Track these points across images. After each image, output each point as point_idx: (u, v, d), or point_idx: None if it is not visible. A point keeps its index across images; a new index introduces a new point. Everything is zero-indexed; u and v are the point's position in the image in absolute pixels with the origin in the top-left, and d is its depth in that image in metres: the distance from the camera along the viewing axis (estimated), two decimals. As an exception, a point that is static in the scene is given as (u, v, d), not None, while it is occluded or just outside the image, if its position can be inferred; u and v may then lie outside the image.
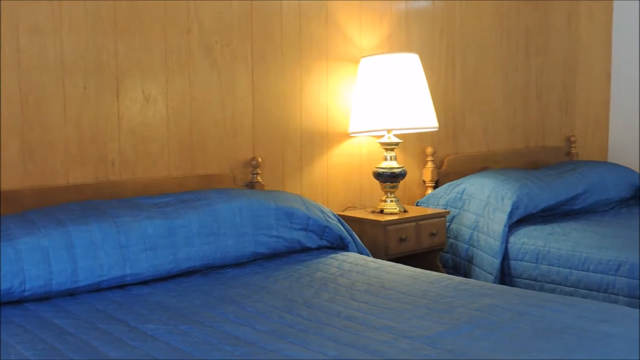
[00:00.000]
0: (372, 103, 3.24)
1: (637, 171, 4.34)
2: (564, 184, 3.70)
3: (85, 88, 2.67)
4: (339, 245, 2.88)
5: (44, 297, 2.18)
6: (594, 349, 1.71)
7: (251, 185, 3.10)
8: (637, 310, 2.14)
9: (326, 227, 2.81)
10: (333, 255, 2.74)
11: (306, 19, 3.27)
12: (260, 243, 2.62)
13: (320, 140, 3.38)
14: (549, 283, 3.15)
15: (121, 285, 2.32)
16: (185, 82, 2.92)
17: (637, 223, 3.51)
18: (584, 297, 2.99)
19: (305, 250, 2.79)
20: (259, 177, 3.10)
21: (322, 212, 2.86)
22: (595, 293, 2.99)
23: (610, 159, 4.86)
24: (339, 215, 3.10)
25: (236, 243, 2.56)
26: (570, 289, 3.07)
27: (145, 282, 2.36)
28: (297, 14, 3.24)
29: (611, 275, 2.94)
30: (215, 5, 2.97)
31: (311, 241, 2.79)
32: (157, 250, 2.37)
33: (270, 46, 3.16)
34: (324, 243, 2.84)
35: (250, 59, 3.10)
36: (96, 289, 2.27)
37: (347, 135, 3.45)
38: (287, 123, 3.25)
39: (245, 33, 3.07)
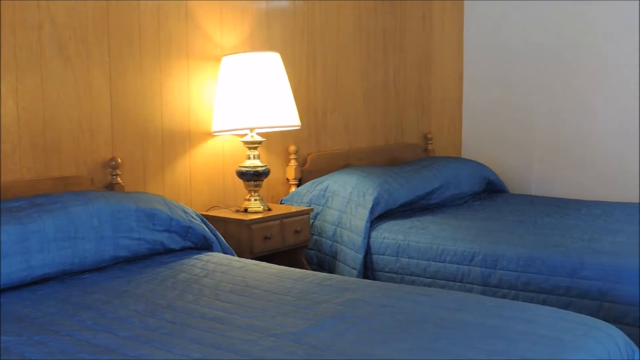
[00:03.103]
0: (235, 102, 3.22)
1: (489, 166, 4.58)
2: (421, 179, 3.85)
3: None
4: (203, 245, 2.85)
5: None
6: (451, 337, 1.79)
7: (110, 186, 2.99)
8: (490, 297, 2.26)
9: (189, 227, 2.77)
10: (197, 256, 2.70)
11: (165, 16, 3.21)
12: (120, 246, 2.54)
13: (182, 140, 3.32)
14: (409, 275, 3.27)
15: (-31, 296, 2.18)
16: (37, 80, 2.78)
17: (489, 215, 3.70)
18: (442, 287, 3.12)
19: (168, 251, 2.74)
20: (118, 179, 3.01)
21: (185, 212, 2.81)
22: (452, 283, 3.13)
23: (463, 155, 5.10)
24: (202, 215, 3.07)
25: (95, 247, 2.47)
26: (429, 280, 3.20)
27: (-4, 292, 2.23)
28: (156, 11, 3.17)
29: (466, 265, 3.09)
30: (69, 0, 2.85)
31: (174, 242, 2.74)
32: (9, 257, 2.24)
33: (127, 43, 3.07)
34: (188, 244, 2.80)
35: (107, 56, 3.00)
36: (-60, 302, 2.12)
37: (209, 135, 3.41)
38: (148, 122, 3.17)
39: (101, 29, 2.97)
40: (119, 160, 3.00)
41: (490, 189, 4.47)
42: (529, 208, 3.89)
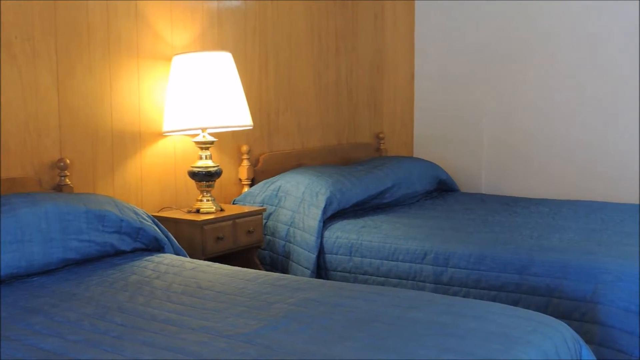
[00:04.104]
0: (186, 102, 3.19)
1: (440, 165, 4.64)
2: (374, 178, 3.87)
3: None
4: (155, 247, 2.82)
5: None
6: (402, 335, 1.81)
7: (59, 188, 2.94)
8: (442, 295, 2.29)
9: (140, 228, 2.74)
10: (148, 258, 2.67)
11: (114, 15, 3.16)
12: (69, 248, 2.50)
13: (132, 140, 3.28)
14: (362, 274, 3.28)
15: None
16: (-19, 79, 2.71)
17: (440, 213, 3.75)
18: (395, 286, 3.14)
19: (119, 253, 2.70)
20: (67, 180, 2.95)
21: (136, 213, 2.78)
22: (405, 281, 3.15)
23: (415, 154, 5.16)
24: (154, 216, 3.03)
25: (43, 249, 2.42)
26: (382, 278, 3.22)
27: (-61, 297, 2.17)
28: (105, 10, 3.12)
29: (418, 263, 3.12)
30: (14, -2, 2.79)
31: (125, 244, 2.70)
32: (-48, 261, 2.18)
33: (75, 42, 3.02)
34: (139, 245, 2.76)
35: (55, 55, 2.94)
36: None
37: (161, 135, 3.37)
38: (97, 122, 3.12)
39: (48, 28, 2.91)
40: (68, 161, 2.95)
41: (442, 188, 4.52)
42: (479, 206, 3.95)
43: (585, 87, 4.48)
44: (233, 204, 3.69)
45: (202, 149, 3.29)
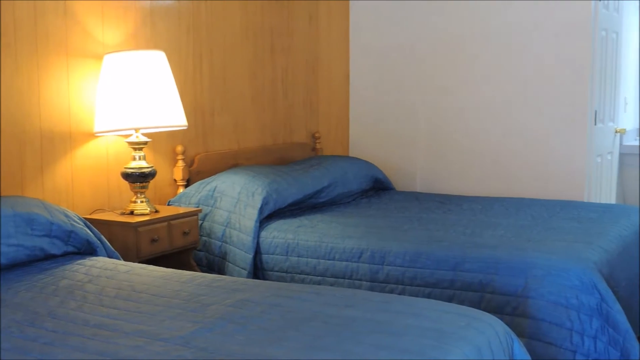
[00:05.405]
0: (118, 101, 3.13)
1: (375, 164, 4.68)
2: (310, 178, 3.88)
3: None
4: (87, 250, 2.75)
5: None
6: (339, 333, 1.82)
7: (-15, 191, 2.85)
8: (377, 293, 2.31)
9: (72, 231, 2.67)
10: (80, 261, 2.61)
11: (42, 12, 3.07)
12: (-3, 253, 2.42)
13: (62, 141, 3.20)
14: (299, 274, 3.28)
15: None
16: None
17: (376, 212, 3.78)
18: (331, 284, 3.16)
19: (49, 257, 2.62)
20: (-6, 182, 2.86)
21: (67, 216, 2.71)
22: (342, 280, 3.17)
23: (351, 154, 5.19)
24: (85, 218, 2.97)
25: (-31, 255, 2.34)
26: (319, 278, 3.23)
27: None
28: (32, 7, 3.03)
29: (354, 262, 3.14)
30: None
31: (56, 248, 2.63)
32: None
33: (1, 40, 2.92)
34: (70, 249, 2.70)
35: (-21, 53, 2.85)
36: None
37: (92, 135, 3.30)
38: (25, 123, 3.03)
39: (-28, 25, 2.82)
40: (-6, 163, 2.86)
41: (377, 187, 4.57)
42: (414, 204, 4.01)
43: (514, 87, 4.59)
44: (168, 205, 3.64)
45: (135, 149, 3.23)
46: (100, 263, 2.60)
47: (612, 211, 3.67)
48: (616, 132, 5.13)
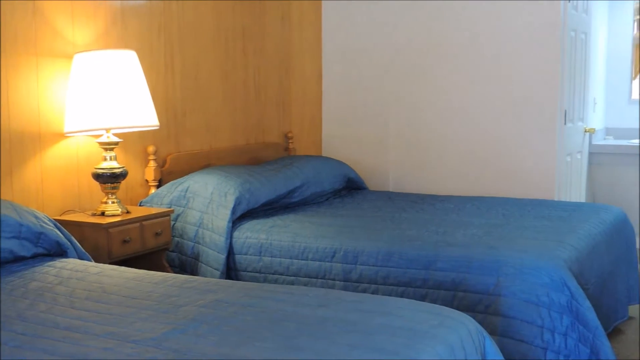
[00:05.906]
0: (89, 101, 3.10)
1: (348, 164, 4.69)
2: (283, 178, 3.87)
3: None
4: (57, 251, 2.72)
5: None
6: (312, 333, 1.81)
7: (-48, 192, 2.80)
8: (351, 292, 2.31)
9: (41, 233, 2.64)
10: (50, 263, 2.58)
11: (10, 11, 3.03)
12: (-36, 256, 2.38)
13: (32, 141, 3.15)
14: (272, 274, 3.28)
15: None
16: None
17: (349, 211, 3.79)
18: (305, 284, 3.16)
19: (18, 259, 2.59)
20: (-39, 183, 2.82)
21: (37, 217, 2.68)
22: (315, 280, 3.17)
23: (324, 154, 5.20)
24: (55, 220, 2.93)
25: None
26: (292, 277, 3.23)
27: None
28: None
29: (328, 262, 3.14)
30: None
31: (25, 249, 2.60)
32: None
33: (-31, 39, 2.88)
34: (40, 250, 2.66)
35: (-54, 52, 2.80)
36: None
37: (62, 136, 3.26)
38: (-7, 123, 2.99)
39: (-62, 24, 2.77)
40: (-38, 164, 2.81)
41: (350, 186, 4.57)
42: (386, 204, 4.02)
43: (485, 87, 4.63)
44: (140, 205, 3.61)
45: (106, 149, 3.20)
46: (70, 265, 2.57)
47: (581, 210, 3.71)
48: (585, 131, 5.19)
